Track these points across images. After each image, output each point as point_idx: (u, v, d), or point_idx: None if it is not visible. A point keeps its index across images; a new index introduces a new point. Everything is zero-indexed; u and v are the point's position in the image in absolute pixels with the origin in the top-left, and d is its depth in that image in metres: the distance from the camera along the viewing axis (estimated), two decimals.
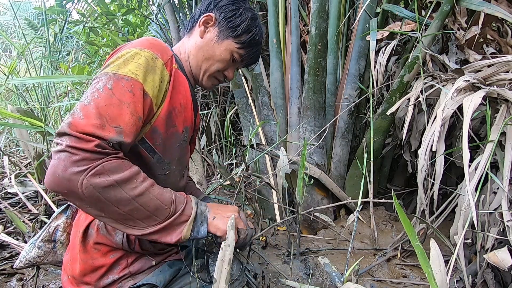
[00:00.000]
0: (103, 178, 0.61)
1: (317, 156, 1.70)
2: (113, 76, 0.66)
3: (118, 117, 0.64)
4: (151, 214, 0.67)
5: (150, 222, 0.68)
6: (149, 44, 0.74)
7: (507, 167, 1.09)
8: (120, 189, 0.63)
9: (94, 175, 0.60)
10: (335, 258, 1.38)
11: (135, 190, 0.64)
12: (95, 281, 0.78)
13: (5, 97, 4.04)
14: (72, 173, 0.59)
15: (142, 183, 0.66)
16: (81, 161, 0.60)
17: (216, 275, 0.63)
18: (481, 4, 1.28)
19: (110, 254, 0.79)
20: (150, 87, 0.71)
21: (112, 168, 0.62)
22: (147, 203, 0.66)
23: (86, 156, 0.60)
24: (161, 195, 0.69)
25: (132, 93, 0.67)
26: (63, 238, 0.90)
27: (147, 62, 0.71)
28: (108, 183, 0.61)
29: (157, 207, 0.67)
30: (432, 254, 0.77)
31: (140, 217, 0.67)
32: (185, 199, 0.74)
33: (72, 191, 0.60)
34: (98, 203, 0.62)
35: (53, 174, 0.60)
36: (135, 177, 0.65)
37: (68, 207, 0.93)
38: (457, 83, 1.22)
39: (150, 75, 0.71)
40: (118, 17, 2.87)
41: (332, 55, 1.84)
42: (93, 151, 0.61)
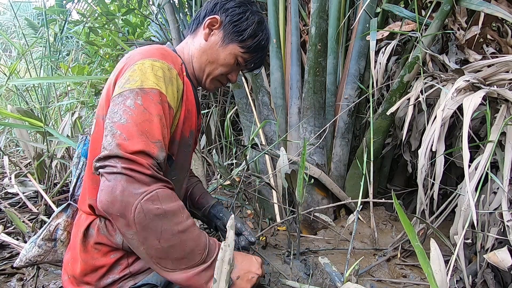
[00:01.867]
0: (156, 206, 0.61)
1: (317, 156, 1.70)
2: (140, 92, 0.66)
3: (156, 132, 0.64)
4: (185, 255, 0.65)
5: (180, 264, 0.66)
6: (160, 55, 0.74)
7: (507, 167, 1.09)
8: (167, 220, 0.62)
9: (148, 201, 0.60)
10: (335, 258, 1.38)
11: (180, 226, 0.64)
12: (96, 281, 0.78)
13: (5, 97, 4.04)
14: (130, 195, 0.59)
15: (187, 220, 0.66)
16: (138, 184, 0.60)
17: (216, 275, 0.63)
18: (481, 4, 1.28)
19: (110, 254, 0.79)
20: (171, 98, 0.71)
21: (165, 197, 0.62)
22: (187, 242, 0.65)
23: (144, 179, 0.61)
24: (199, 237, 0.67)
25: (161, 105, 0.67)
26: (63, 236, 0.90)
27: (165, 73, 0.71)
28: (160, 211, 0.61)
29: (192, 249, 0.66)
30: (432, 254, 0.77)
31: (174, 256, 0.65)
32: (215, 249, 0.71)
33: (124, 214, 0.60)
34: (144, 231, 0.61)
35: (111, 194, 0.59)
36: (182, 212, 0.65)
37: (69, 206, 0.93)
38: (457, 83, 1.22)
39: (170, 87, 0.71)
40: (118, 17, 2.87)
41: (332, 55, 1.84)
42: (150, 175, 0.61)
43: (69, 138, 1.85)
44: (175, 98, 0.73)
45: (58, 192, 1.87)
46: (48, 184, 1.86)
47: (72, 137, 1.95)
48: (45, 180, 1.88)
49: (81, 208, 0.85)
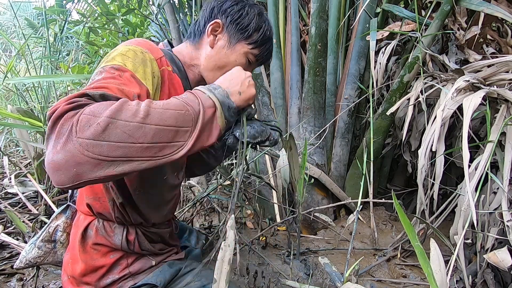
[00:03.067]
0: (95, 123, 0.49)
1: (317, 156, 1.70)
2: (102, 70, 0.62)
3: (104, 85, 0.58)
4: (177, 128, 0.57)
5: (184, 136, 0.58)
6: (137, 42, 0.72)
7: (507, 167, 1.10)
8: (120, 121, 0.51)
9: (82, 129, 0.48)
10: (335, 258, 1.38)
11: (138, 114, 0.53)
12: (95, 281, 0.78)
13: (5, 97, 4.04)
14: (62, 148, 0.48)
15: (138, 105, 0.54)
16: (62, 127, 0.49)
17: (216, 275, 0.63)
18: (481, 4, 1.28)
19: (110, 254, 0.79)
20: (142, 77, 0.66)
21: (95, 109, 0.51)
22: (162, 119, 0.55)
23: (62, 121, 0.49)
24: (167, 104, 0.58)
25: (124, 78, 0.62)
26: (63, 238, 0.90)
27: (135, 54, 0.68)
28: (103, 123, 0.49)
29: (175, 117, 0.57)
30: (432, 254, 0.77)
31: (170, 137, 0.56)
32: (193, 93, 0.65)
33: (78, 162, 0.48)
34: (115, 151, 0.50)
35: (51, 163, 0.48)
36: (127, 104, 0.54)
37: (68, 207, 0.93)
38: (457, 83, 1.22)
39: (140, 67, 0.67)
40: (118, 17, 2.87)
41: (332, 55, 1.84)
42: (65, 110, 0.50)
43: None
44: (149, 80, 0.67)
45: (58, 192, 1.87)
46: (48, 184, 1.86)
47: None
48: (45, 180, 1.88)
49: (79, 208, 0.85)
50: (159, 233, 0.88)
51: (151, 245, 0.84)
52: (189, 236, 1.11)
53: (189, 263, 0.89)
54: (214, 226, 1.73)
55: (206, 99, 0.64)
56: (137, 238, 0.81)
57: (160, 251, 0.87)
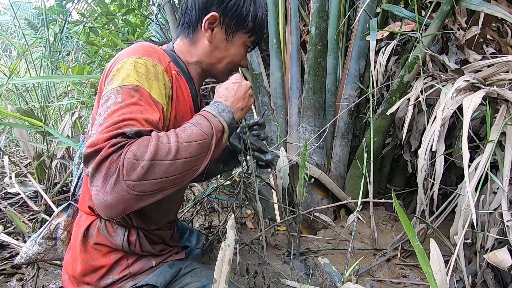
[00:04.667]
0: (139, 167, 0.55)
1: (317, 156, 1.70)
2: (120, 90, 0.63)
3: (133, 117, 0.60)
4: (197, 156, 0.65)
5: (201, 160, 0.66)
6: (145, 52, 0.71)
7: (507, 167, 1.10)
8: (158, 162, 0.57)
9: (128, 172, 0.55)
10: (335, 258, 1.38)
11: (170, 152, 0.59)
12: (96, 281, 0.78)
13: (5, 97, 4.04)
14: (112, 189, 0.54)
15: (169, 141, 0.60)
16: (107, 172, 0.54)
17: (216, 275, 0.63)
18: (481, 4, 1.28)
19: (110, 254, 0.79)
20: (158, 95, 0.68)
21: (136, 152, 0.56)
22: (189, 152, 0.62)
23: (108, 163, 0.55)
24: (190, 136, 0.64)
25: (143, 101, 0.64)
26: (63, 236, 0.90)
27: (148, 70, 0.68)
28: (146, 166, 0.56)
29: (197, 148, 0.64)
30: (432, 254, 0.77)
31: (192, 165, 0.64)
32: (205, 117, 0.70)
33: (127, 200, 0.56)
34: (154, 187, 0.58)
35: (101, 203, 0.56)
36: (160, 142, 0.59)
37: (69, 206, 0.93)
38: (457, 83, 1.22)
39: (155, 83, 0.68)
40: (118, 17, 2.87)
41: (332, 55, 1.84)
42: (109, 153, 0.55)
43: (69, 138, 1.85)
44: (162, 95, 0.70)
45: (58, 192, 1.87)
46: (48, 184, 1.86)
47: (72, 137, 1.95)
48: (45, 180, 1.88)
49: (81, 208, 0.85)
50: (160, 235, 0.88)
51: (151, 246, 0.84)
52: (189, 236, 1.11)
53: (189, 263, 0.89)
54: (214, 226, 1.73)
55: (217, 124, 0.71)
56: (138, 239, 0.81)
57: (160, 252, 0.87)
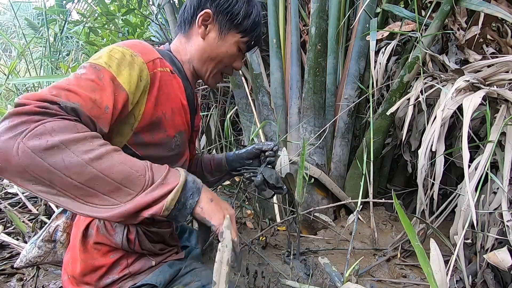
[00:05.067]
0: (44, 139, 0.49)
1: (317, 156, 1.70)
2: (86, 66, 0.63)
3: (79, 93, 0.57)
4: (119, 184, 0.53)
5: (121, 197, 0.54)
6: (130, 44, 0.71)
7: (507, 167, 1.10)
8: (68, 151, 0.50)
9: (32, 136, 0.49)
10: (335, 258, 1.38)
11: (90, 153, 0.51)
12: (95, 281, 0.78)
13: (5, 97, 4.04)
14: (6, 138, 0.48)
15: (100, 147, 0.53)
16: (18, 125, 0.49)
17: (215, 278, 0.63)
18: (481, 4, 1.28)
19: (110, 254, 0.79)
20: (125, 81, 0.65)
21: (57, 128, 0.50)
22: (110, 168, 0.52)
23: (25, 118, 0.49)
24: (129, 160, 0.56)
25: (101, 81, 0.61)
26: (63, 238, 0.90)
27: (123, 56, 0.67)
28: (51, 143, 0.49)
29: (125, 175, 0.54)
30: (432, 254, 0.77)
31: (105, 190, 0.53)
32: (167, 167, 0.61)
33: (7, 160, 0.48)
34: (43, 172, 0.49)
35: None
36: (91, 139, 0.53)
37: None
38: (457, 83, 1.22)
39: (126, 69, 0.66)
40: (118, 17, 2.87)
41: (332, 55, 1.84)
42: (34, 111, 0.50)
43: None
44: (133, 84, 0.66)
45: None
46: None
47: None
48: None
49: None
50: (159, 232, 0.88)
51: (151, 244, 0.84)
52: (189, 236, 1.11)
53: (189, 263, 0.89)
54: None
55: (173, 175, 0.60)
56: (138, 237, 0.81)
57: (160, 251, 0.86)
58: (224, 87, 2.71)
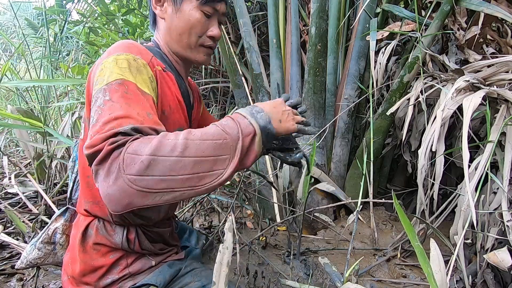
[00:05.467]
0: (138, 161, 0.54)
1: (317, 156, 1.70)
2: (107, 88, 0.63)
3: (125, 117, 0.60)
4: (215, 157, 0.59)
5: (223, 164, 0.60)
6: (125, 48, 0.71)
7: (507, 167, 1.10)
8: (161, 157, 0.55)
9: (127, 167, 0.54)
10: (335, 258, 1.38)
11: (176, 149, 0.56)
12: (95, 281, 0.78)
13: (5, 97, 4.04)
14: (113, 183, 0.54)
15: (176, 138, 0.58)
16: (110, 168, 0.55)
17: (215, 278, 0.63)
18: (481, 4, 1.28)
19: (109, 254, 0.79)
20: (144, 85, 0.67)
21: (137, 148, 0.55)
22: (200, 150, 0.58)
23: (110, 160, 0.55)
24: (205, 134, 0.60)
25: (129, 94, 0.64)
26: (62, 240, 0.90)
27: (130, 64, 0.68)
28: (146, 161, 0.54)
29: (214, 147, 0.59)
30: (432, 254, 0.77)
31: (209, 167, 0.59)
32: (233, 118, 0.65)
33: (131, 195, 0.54)
34: (158, 184, 0.55)
35: (106, 197, 0.55)
36: (165, 139, 0.57)
37: (67, 210, 0.93)
38: (457, 83, 1.22)
39: (138, 75, 0.68)
40: (118, 17, 2.87)
41: (332, 55, 1.84)
42: (109, 151, 0.55)
43: (69, 138, 1.84)
44: (149, 87, 0.69)
45: (58, 192, 1.87)
46: (48, 184, 1.86)
47: (72, 137, 1.95)
48: (45, 180, 1.88)
49: (79, 211, 0.85)
50: (159, 232, 0.88)
51: (151, 244, 0.84)
52: (189, 236, 1.11)
53: (189, 263, 0.89)
54: (214, 226, 1.73)
55: (246, 126, 0.65)
56: (138, 237, 0.81)
57: (160, 251, 0.87)
58: (224, 87, 2.71)
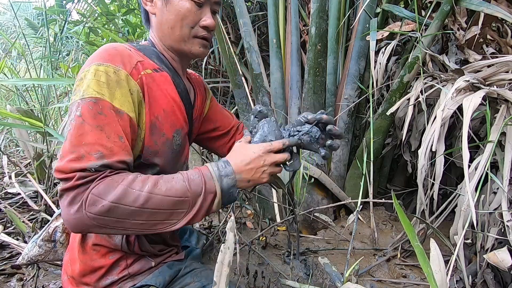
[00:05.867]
0: (100, 205, 0.60)
1: (317, 156, 1.70)
2: (81, 103, 0.63)
3: (96, 144, 0.62)
4: (172, 211, 0.64)
5: (178, 216, 0.65)
6: (108, 56, 0.68)
7: (507, 167, 1.10)
8: (122, 206, 0.61)
9: (89, 206, 0.59)
10: (335, 258, 1.38)
11: (138, 200, 0.61)
12: (94, 282, 0.78)
13: (5, 97, 4.04)
14: (74, 213, 0.60)
15: (141, 189, 0.62)
16: (73, 200, 0.60)
17: (216, 278, 0.63)
18: (481, 4, 1.28)
19: (109, 255, 0.79)
20: (122, 103, 0.66)
21: (102, 191, 0.60)
22: (160, 204, 0.63)
23: (74, 193, 0.60)
24: (170, 189, 0.64)
25: (103, 114, 0.63)
26: (62, 238, 0.90)
27: (109, 78, 0.65)
28: (107, 206, 0.60)
29: (174, 203, 0.64)
30: (432, 254, 0.77)
31: (164, 217, 0.64)
32: (201, 178, 0.68)
33: (87, 225, 0.61)
34: (113, 223, 0.62)
35: (65, 220, 0.62)
36: (130, 188, 0.62)
37: None
38: (457, 83, 1.22)
39: (117, 91, 0.66)
40: (118, 17, 2.87)
41: (332, 55, 1.84)
42: (76, 185, 0.60)
43: None
44: (128, 102, 0.67)
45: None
46: (48, 184, 1.86)
47: None
48: (45, 180, 1.88)
49: None
50: (159, 233, 0.88)
51: (151, 245, 0.83)
52: (189, 236, 1.11)
53: (189, 263, 0.89)
54: (214, 226, 1.73)
55: (210, 187, 0.68)
56: (137, 238, 0.80)
57: (160, 252, 0.86)
58: (224, 87, 2.71)
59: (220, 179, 0.69)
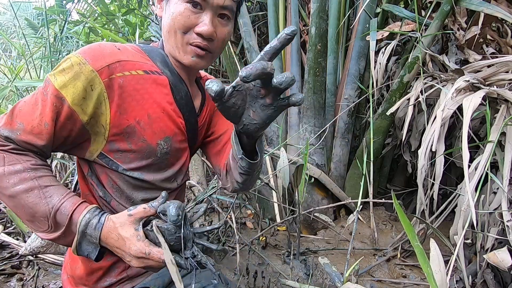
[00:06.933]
0: None
1: (317, 156, 1.70)
2: (45, 81, 0.67)
3: (26, 114, 0.65)
4: (30, 218, 0.64)
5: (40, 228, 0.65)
6: (88, 49, 0.67)
7: (507, 167, 1.10)
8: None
9: None
10: (335, 258, 1.38)
11: (5, 191, 0.63)
12: (93, 283, 0.77)
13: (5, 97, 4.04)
14: None
15: (14, 186, 0.63)
16: None
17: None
18: (481, 4, 1.28)
19: (107, 256, 0.77)
20: (69, 93, 0.64)
21: None
22: (22, 207, 0.64)
23: None
24: (35, 205, 0.63)
25: (46, 96, 0.64)
26: None
27: (71, 66, 0.65)
28: None
29: (33, 215, 0.63)
30: (432, 254, 0.77)
31: (23, 217, 0.66)
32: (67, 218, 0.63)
33: None
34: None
35: None
36: (8, 177, 0.63)
37: None
38: (457, 83, 1.22)
39: (71, 81, 0.64)
40: (118, 17, 2.87)
41: (332, 55, 1.84)
42: None
43: None
44: (78, 95, 0.64)
45: None
46: None
47: None
48: None
49: None
50: None
51: None
52: None
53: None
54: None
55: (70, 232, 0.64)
56: None
57: None
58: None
59: (83, 234, 0.64)
